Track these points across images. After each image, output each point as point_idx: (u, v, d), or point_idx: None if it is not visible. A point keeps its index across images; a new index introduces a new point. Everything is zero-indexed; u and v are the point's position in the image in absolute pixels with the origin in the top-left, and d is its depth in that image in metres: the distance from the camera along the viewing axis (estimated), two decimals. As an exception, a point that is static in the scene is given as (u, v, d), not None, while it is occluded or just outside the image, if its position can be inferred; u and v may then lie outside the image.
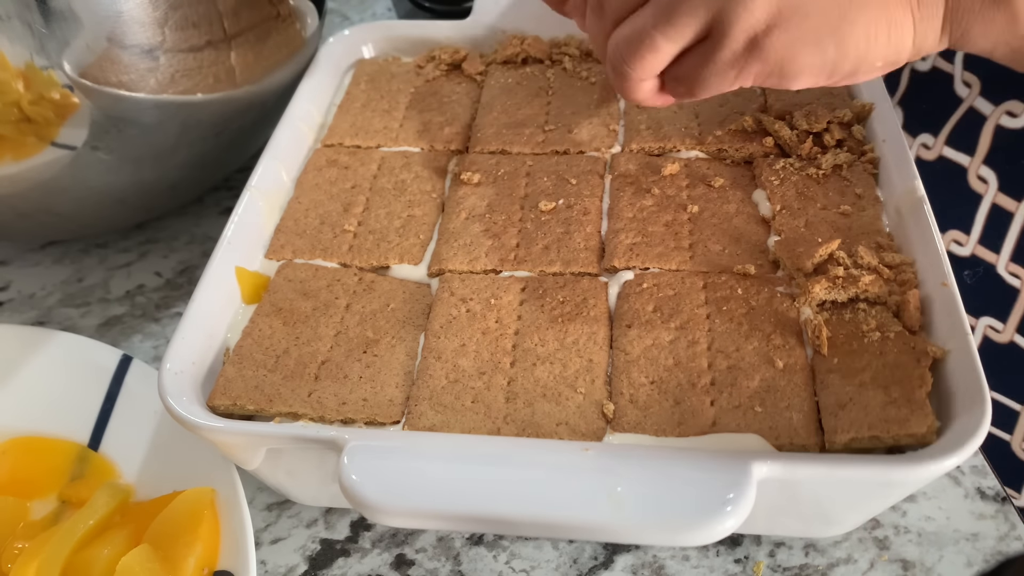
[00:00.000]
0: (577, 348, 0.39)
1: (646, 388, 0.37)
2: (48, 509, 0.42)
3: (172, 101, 0.47)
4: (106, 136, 0.46)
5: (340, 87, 0.57)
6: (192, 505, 0.38)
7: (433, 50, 0.59)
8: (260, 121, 0.55)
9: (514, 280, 0.42)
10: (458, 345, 0.40)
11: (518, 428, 0.36)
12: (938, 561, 0.39)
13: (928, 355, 0.36)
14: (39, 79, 0.42)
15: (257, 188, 0.47)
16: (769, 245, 0.43)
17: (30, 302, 0.56)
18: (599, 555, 0.41)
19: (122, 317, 0.54)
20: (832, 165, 0.47)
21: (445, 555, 0.41)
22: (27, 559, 0.37)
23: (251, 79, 0.51)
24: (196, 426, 0.35)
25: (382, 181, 0.49)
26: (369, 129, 0.53)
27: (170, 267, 0.58)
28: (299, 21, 0.54)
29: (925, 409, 0.34)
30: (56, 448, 0.44)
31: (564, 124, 0.52)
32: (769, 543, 0.41)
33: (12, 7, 0.40)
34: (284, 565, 0.41)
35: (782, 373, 0.37)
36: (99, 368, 0.46)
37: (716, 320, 0.40)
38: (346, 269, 0.44)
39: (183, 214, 0.61)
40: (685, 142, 0.50)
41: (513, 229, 0.45)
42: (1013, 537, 0.40)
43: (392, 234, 0.46)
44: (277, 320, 0.41)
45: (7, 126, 0.44)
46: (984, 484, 0.42)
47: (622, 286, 0.42)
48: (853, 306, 0.39)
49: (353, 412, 0.37)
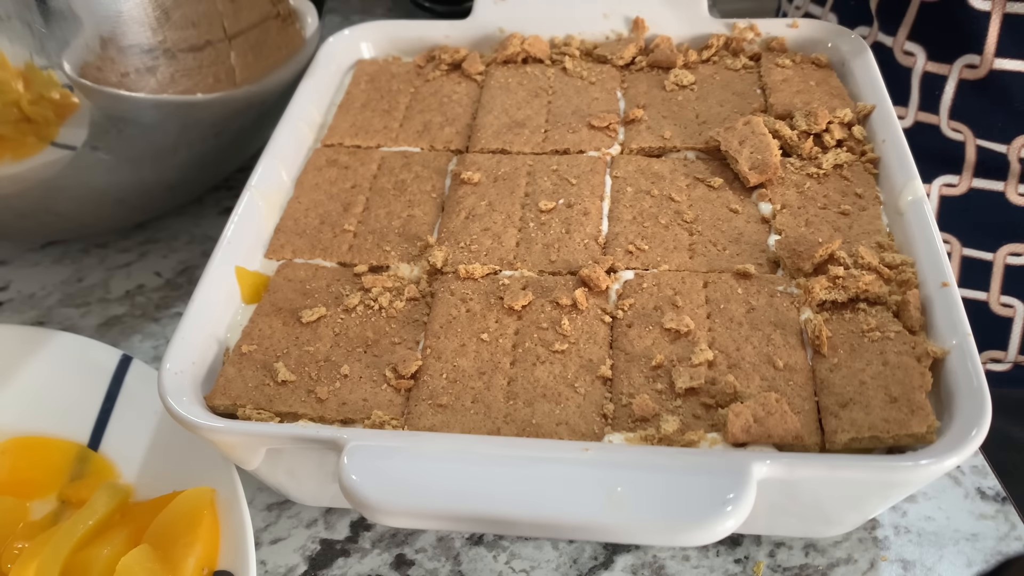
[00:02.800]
0: (577, 348, 0.39)
1: (646, 388, 0.37)
2: (48, 509, 0.42)
3: (172, 101, 0.47)
4: (106, 136, 0.46)
5: (340, 87, 0.57)
6: (192, 505, 0.38)
7: (433, 50, 0.59)
8: (260, 121, 0.55)
9: (514, 280, 0.42)
10: (458, 345, 0.40)
11: (518, 428, 0.36)
12: (938, 561, 0.39)
13: (928, 355, 0.36)
14: (39, 79, 0.42)
15: (257, 188, 0.47)
16: (769, 245, 0.43)
17: (30, 302, 0.56)
18: (599, 555, 0.41)
19: (122, 317, 0.54)
20: (832, 165, 0.47)
21: (445, 555, 0.41)
22: (27, 559, 0.37)
23: (251, 79, 0.51)
24: (196, 426, 0.35)
25: (382, 181, 0.49)
26: (369, 129, 0.53)
27: (170, 267, 0.58)
28: (299, 21, 0.54)
29: (925, 409, 0.34)
30: (56, 448, 0.44)
31: (564, 124, 0.52)
32: (769, 543, 0.41)
33: (12, 7, 0.40)
34: (284, 565, 0.41)
35: (782, 373, 0.37)
36: (99, 368, 0.46)
37: (716, 320, 0.40)
38: (346, 269, 0.44)
39: (183, 214, 0.61)
40: (685, 142, 0.50)
41: (513, 229, 0.45)
42: (1013, 537, 0.40)
43: (392, 234, 0.46)
44: (277, 320, 0.41)
45: (7, 126, 0.44)
46: (984, 484, 0.42)
47: (622, 286, 0.42)
48: (853, 306, 0.39)
49: (353, 412, 0.37)
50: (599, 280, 0.41)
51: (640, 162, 0.49)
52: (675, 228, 0.44)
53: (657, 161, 0.49)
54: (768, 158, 0.46)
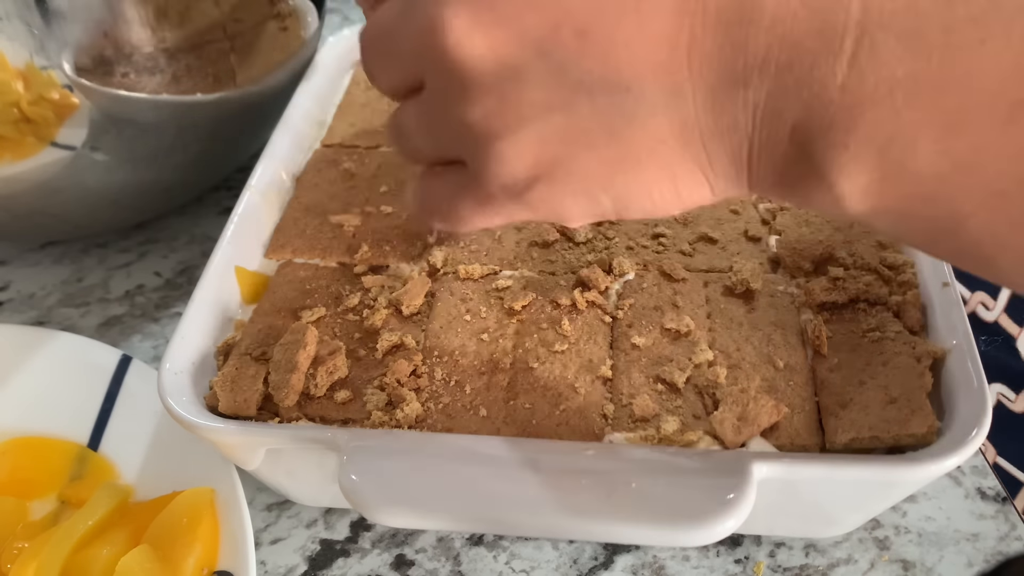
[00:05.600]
0: (577, 348, 0.39)
1: (646, 388, 0.37)
2: (48, 509, 0.42)
3: (172, 101, 0.47)
4: (105, 136, 0.46)
5: (340, 87, 0.57)
6: (192, 505, 0.38)
7: (433, 50, 0.59)
8: (260, 121, 0.55)
9: (514, 280, 0.42)
10: (458, 345, 0.39)
11: (518, 428, 0.36)
12: (938, 561, 0.39)
13: (928, 355, 0.36)
14: (39, 79, 0.42)
15: (257, 188, 0.47)
16: (769, 245, 0.43)
17: (30, 302, 0.56)
18: (599, 555, 0.41)
19: (122, 317, 0.54)
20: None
21: (445, 555, 0.41)
22: (27, 559, 0.37)
23: (251, 79, 0.51)
24: (196, 426, 0.35)
25: (382, 181, 0.49)
26: (369, 129, 0.53)
27: (170, 267, 0.58)
28: (299, 21, 0.54)
29: (925, 409, 0.34)
30: (56, 448, 0.44)
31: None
32: (769, 543, 0.40)
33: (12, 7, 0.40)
34: (284, 565, 0.41)
35: (782, 373, 0.37)
36: (99, 368, 0.46)
37: (716, 320, 0.40)
38: (346, 269, 0.44)
39: (183, 214, 0.61)
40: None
41: (513, 229, 0.45)
42: (1013, 537, 0.40)
43: (392, 234, 0.46)
44: (277, 320, 0.41)
45: (6, 126, 0.44)
46: (984, 484, 0.42)
47: (623, 286, 0.42)
48: (853, 306, 0.39)
49: (353, 412, 0.37)
50: (599, 280, 0.41)
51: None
52: (675, 228, 0.44)
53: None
54: None
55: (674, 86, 0.25)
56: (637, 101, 0.26)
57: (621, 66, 0.25)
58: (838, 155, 0.25)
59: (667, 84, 0.25)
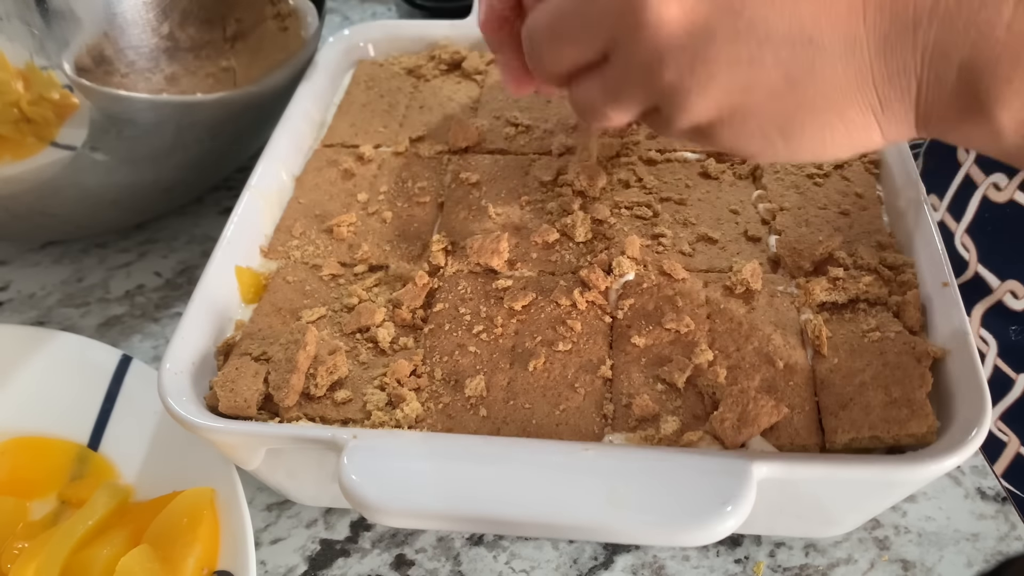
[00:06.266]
0: (577, 348, 0.39)
1: (646, 388, 0.37)
2: (48, 509, 0.42)
3: (172, 101, 0.47)
4: (105, 136, 0.46)
5: (340, 87, 0.57)
6: (192, 505, 0.38)
7: (433, 50, 0.59)
8: (259, 121, 0.55)
9: (514, 280, 0.42)
10: (458, 345, 0.39)
11: (518, 428, 0.36)
12: (938, 561, 0.39)
13: (928, 355, 0.36)
14: (39, 79, 0.42)
15: (257, 188, 0.47)
16: (769, 245, 0.43)
17: (30, 302, 0.56)
18: (599, 555, 0.41)
19: (122, 317, 0.54)
20: (832, 164, 0.47)
21: (445, 555, 0.41)
22: (27, 559, 0.37)
23: (251, 79, 0.51)
24: (196, 426, 0.35)
25: (382, 181, 0.49)
26: (369, 129, 0.53)
27: (170, 267, 0.58)
28: (299, 21, 0.54)
29: (925, 409, 0.34)
30: (56, 448, 0.44)
31: (565, 123, 0.52)
32: (769, 543, 0.40)
33: (12, 7, 0.40)
34: (284, 565, 0.41)
35: (782, 373, 0.37)
36: (99, 368, 0.46)
37: (716, 320, 0.40)
38: (346, 269, 0.44)
39: (183, 214, 0.61)
40: (686, 143, 0.50)
41: (513, 229, 0.45)
42: (1013, 537, 0.40)
43: (392, 234, 0.46)
44: (277, 320, 0.41)
45: (7, 126, 0.44)
46: (984, 484, 0.42)
47: (623, 286, 0.42)
48: (853, 306, 0.39)
49: (353, 412, 0.37)
50: (599, 280, 0.41)
51: (641, 162, 0.49)
52: (676, 228, 0.44)
53: (657, 161, 0.49)
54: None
55: (851, 36, 0.28)
56: (818, 52, 0.28)
57: (804, 20, 0.28)
58: (1001, 90, 0.27)
59: (846, 35, 0.28)
